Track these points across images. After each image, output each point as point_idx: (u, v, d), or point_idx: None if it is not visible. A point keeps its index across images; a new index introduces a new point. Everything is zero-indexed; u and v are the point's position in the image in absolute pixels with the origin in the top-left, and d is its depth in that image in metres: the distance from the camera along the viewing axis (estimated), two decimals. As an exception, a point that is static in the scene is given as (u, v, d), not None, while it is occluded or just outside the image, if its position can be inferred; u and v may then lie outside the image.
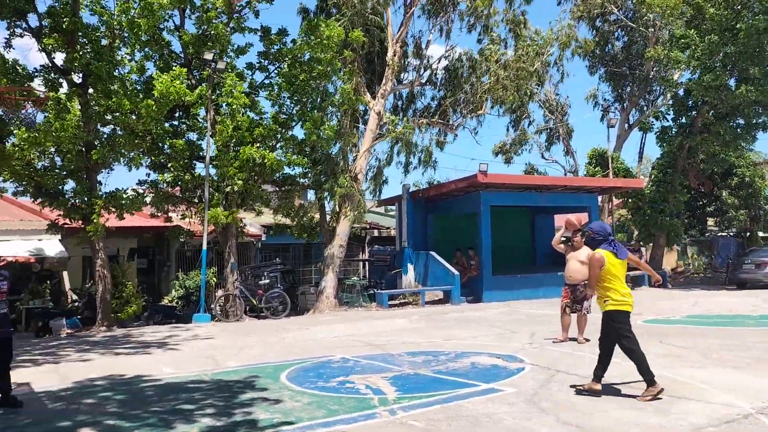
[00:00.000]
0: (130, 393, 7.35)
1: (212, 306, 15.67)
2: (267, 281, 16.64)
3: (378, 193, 21.37)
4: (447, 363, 8.65)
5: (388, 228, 27.31)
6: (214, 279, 17.23)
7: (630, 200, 24.18)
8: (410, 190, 20.26)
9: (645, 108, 28.24)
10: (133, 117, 14.35)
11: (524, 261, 22.83)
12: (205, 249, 15.75)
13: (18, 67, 14.09)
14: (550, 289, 18.71)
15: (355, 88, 17.93)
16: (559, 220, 25.41)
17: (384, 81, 18.87)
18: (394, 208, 23.43)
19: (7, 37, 14.49)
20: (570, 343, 9.82)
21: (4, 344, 6.93)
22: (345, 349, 10.03)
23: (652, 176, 24.45)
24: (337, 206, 17.84)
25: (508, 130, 28.59)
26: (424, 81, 21.43)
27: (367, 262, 24.96)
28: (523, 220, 23.65)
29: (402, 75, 20.94)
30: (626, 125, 28.41)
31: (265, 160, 15.21)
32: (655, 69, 26.07)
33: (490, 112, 22.08)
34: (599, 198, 23.32)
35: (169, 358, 9.81)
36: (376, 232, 27.68)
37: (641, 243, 25.76)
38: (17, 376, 7.82)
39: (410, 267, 19.37)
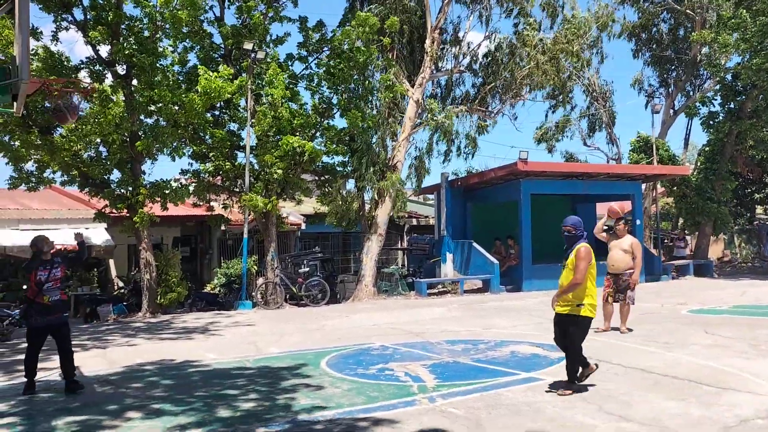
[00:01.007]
0: (175, 378, 7.54)
1: (253, 294, 15.91)
2: (306, 269, 16.82)
3: (418, 183, 21.30)
4: (486, 351, 8.61)
5: (427, 217, 27.26)
6: (255, 267, 17.48)
7: (675, 188, 23.56)
8: (449, 179, 20.14)
9: (691, 93, 27.43)
10: (176, 108, 14.62)
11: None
12: (246, 237, 15.99)
13: (64, 60, 14.51)
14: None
15: (394, 77, 17.88)
16: (602, 208, 25.00)
17: (422, 69, 18.76)
18: (433, 197, 23.33)
19: (54, 30, 14.87)
20: (613, 333, 9.67)
21: (61, 329, 7.11)
22: (384, 337, 10.08)
23: (698, 163, 23.77)
24: (375, 195, 17.86)
25: (547, 116, 28.14)
26: (462, 68, 21.23)
27: (406, 251, 24.98)
28: (564, 209, 23.21)
29: (440, 63, 20.80)
30: (671, 111, 27.66)
31: (305, 150, 15.32)
32: (702, 53, 25.28)
33: (529, 98, 21.78)
34: (643, 186, 22.78)
35: (212, 344, 10.01)
36: (415, 221, 27.66)
37: (686, 231, 25.14)
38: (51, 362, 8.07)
39: (449, 256, 19.29)
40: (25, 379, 7.04)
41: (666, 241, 26.55)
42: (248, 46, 15.41)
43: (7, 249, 16.70)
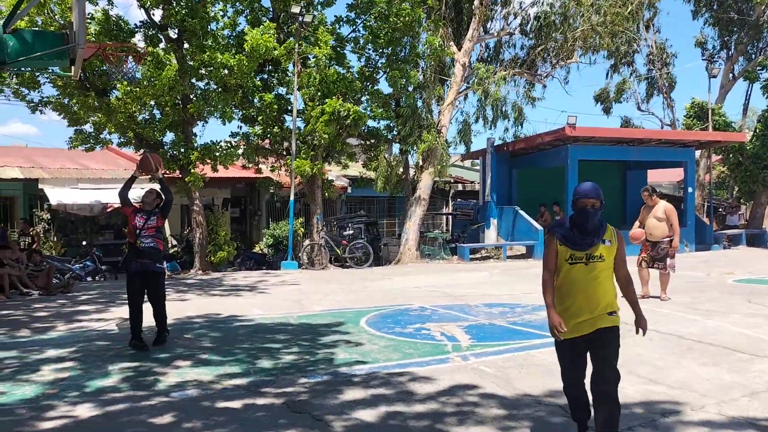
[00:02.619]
0: (222, 331, 7.95)
1: (299, 254, 16.34)
2: (351, 232, 17.14)
3: (463, 147, 21.21)
4: (523, 315, 8.74)
5: (473, 182, 27.18)
6: (302, 229, 17.90)
7: (731, 155, 22.79)
8: (495, 144, 20.02)
9: (753, 56, 26.21)
10: (225, 71, 14.93)
11: (613, 217, 22.17)
12: (293, 200, 16.36)
13: (122, 23, 14.96)
14: (639, 247, 18.18)
15: (441, 39, 17.73)
16: (654, 175, 24.41)
17: (470, 31, 18.51)
18: (479, 162, 23.23)
19: (111, -7, 15.30)
20: (653, 300, 9.63)
21: (154, 278, 7.12)
22: (424, 299, 10.30)
23: (757, 130, 22.87)
24: (420, 160, 17.93)
25: (608, 75, 27.30)
26: (512, 30, 20.82)
27: (450, 216, 25.06)
28: (613, 175, 22.83)
29: (489, 24, 20.46)
30: (731, 75, 26.53)
31: (349, 113, 15.46)
32: (766, 14, 24.07)
33: (581, 61, 21.25)
34: (697, 153, 22.12)
35: (259, 301, 10.43)
36: (460, 186, 27.63)
37: (741, 200, 24.36)
38: (124, 312, 8.55)
39: (493, 221, 19.31)
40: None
41: (720, 210, 25.82)
42: (296, 9, 15.52)
43: (68, 207, 17.54)
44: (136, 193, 8.18)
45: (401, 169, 17.94)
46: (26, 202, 19.31)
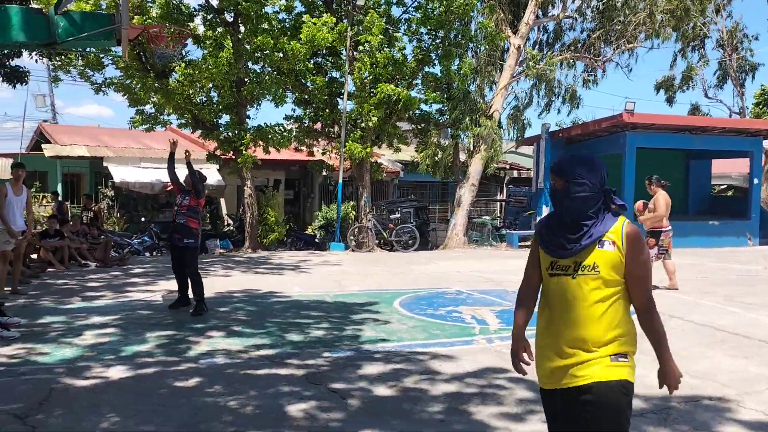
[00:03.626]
0: (258, 305, 8.20)
1: (347, 236, 16.55)
2: (398, 216, 17.21)
3: (518, 134, 20.89)
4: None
5: (529, 169, 26.74)
6: (353, 212, 18.11)
7: (805, 146, 21.58)
8: (550, 130, 19.62)
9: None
10: (280, 56, 15.20)
11: (674, 207, 21.31)
12: (341, 183, 16.55)
13: (182, 6, 15.41)
14: (699, 239, 17.54)
15: (495, 22, 17.47)
16: (719, 165, 23.39)
17: (526, 14, 18.15)
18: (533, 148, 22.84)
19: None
20: (695, 290, 9.33)
21: (184, 252, 7.63)
22: (463, 283, 10.29)
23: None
24: (471, 144, 17.79)
25: (675, 60, 26.22)
26: (571, 13, 20.28)
27: (504, 203, 24.78)
28: (675, 165, 22.00)
29: (547, 7, 19.98)
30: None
31: (400, 97, 15.48)
32: None
33: (644, 46, 20.53)
34: (765, 143, 21.05)
35: (300, 280, 10.67)
36: (515, 173, 27.24)
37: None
38: (171, 285, 8.91)
39: (545, 209, 18.97)
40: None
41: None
42: (349, -8, 15.61)
43: (130, 184, 18.33)
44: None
45: (450, 153, 17.84)
46: (92, 179, 20.30)
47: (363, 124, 16.15)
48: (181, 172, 7.93)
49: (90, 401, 4.48)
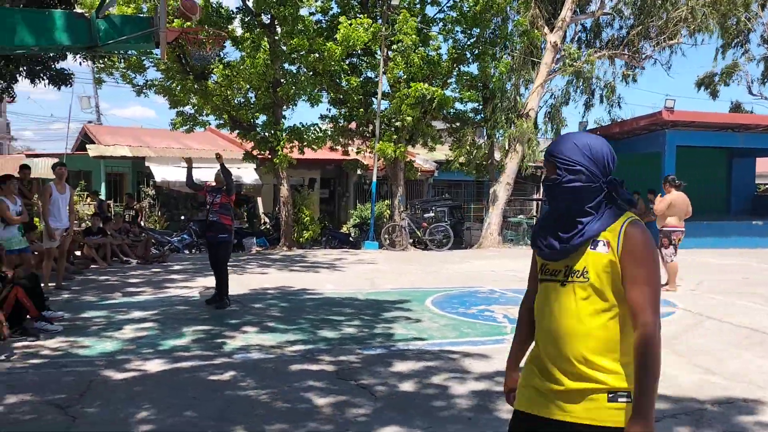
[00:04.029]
0: (291, 302, 8.33)
1: (382, 235, 16.62)
2: (431, 215, 17.20)
3: (555, 132, 20.66)
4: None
5: (566, 168, 26.39)
6: (387, 211, 18.17)
7: None
8: (587, 128, 19.37)
9: None
10: (316, 56, 15.35)
11: (716, 207, 20.90)
12: (375, 182, 16.62)
13: (221, 10, 15.70)
14: (742, 239, 17.13)
15: (531, 19, 17.31)
16: (763, 164, 22.74)
17: (563, 11, 17.93)
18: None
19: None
20: (734, 291, 9.11)
21: (216, 248, 7.91)
22: (496, 282, 10.25)
23: None
24: (506, 143, 17.67)
25: (717, 56, 25.52)
26: (608, 10, 19.95)
27: (539, 202, 24.52)
28: (717, 163, 21.50)
29: (585, 4, 19.70)
30: None
31: (434, 96, 15.47)
32: None
33: (685, 42, 20.06)
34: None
35: (333, 277, 10.78)
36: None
37: None
38: (208, 282, 9.12)
39: (582, 208, 18.75)
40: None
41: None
42: (384, -8, 15.67)
43: (171, 184, 18.74)
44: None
45: (485, 152, 17.74)
46: (134, 178, 20.80)
47: (398, 124, 16.19)
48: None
49: (128, 393, 4.64)
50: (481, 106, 17.60)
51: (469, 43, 16.90)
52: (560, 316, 1.99)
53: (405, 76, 15.96)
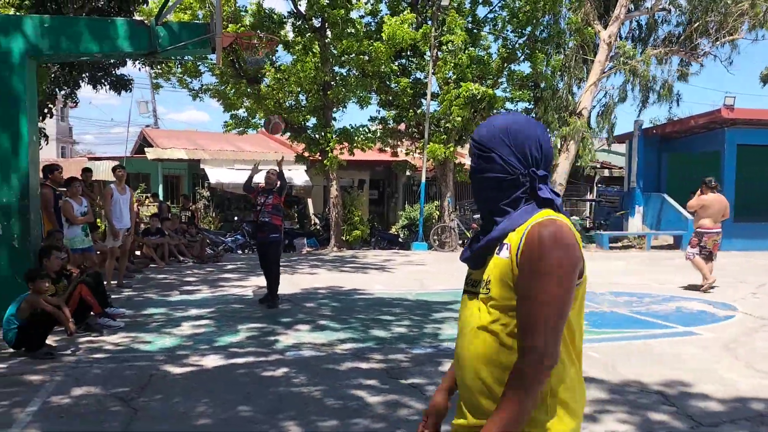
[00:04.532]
0: (342, 302, 8.43)
1: (431, 236, 16.61)
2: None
3: (609, 131, 20.24)
4: (650, 305, 8.34)
5: (620, 168, 25.82)
6: (437, 212, 18.14)
7: None
8: (643, 127, 18.91)
9: None
10: (365, 58, 15.48)
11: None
12: (424, 182, 16.63)
13: (273, 15, 16.00)
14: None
15: (584, 17, 17.02)
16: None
17: (617, 7, 17.55)
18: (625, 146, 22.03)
19: (260, -14, 16.40)
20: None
21: (268, 248, 8.06)
22: (548, 284, 10.10)
23: None
24: (559, 143, 17.41)
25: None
26: (665, 5, 19.41)
27: (593, 203, 24.05)
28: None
29: (641, 1, 19.23)
30: None
31: (484, 96, 15.38)
32: None
33: (746, 37, 19.35)
34: None
35: (383, 278, 10.84)
36: (607, 172, 26.38)
37: None
38: (261, 281, 9.28)
39: (638, 209, 18.32)
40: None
41: None
42: (434, -7, 15.67)
43: (224, 185, 19.21)
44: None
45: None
46: (190, 180, 21.39)
47: (447, 125, 16.15)
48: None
49: (185, 387, 4.80)
50: (532, 105, 17.40)
51: (520, 42, 16.74)
52: (462, 336, 1.68)
53: (454, 77, 15.92)
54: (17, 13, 8.41)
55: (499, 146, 1.65)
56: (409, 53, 17.35)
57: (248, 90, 15.97)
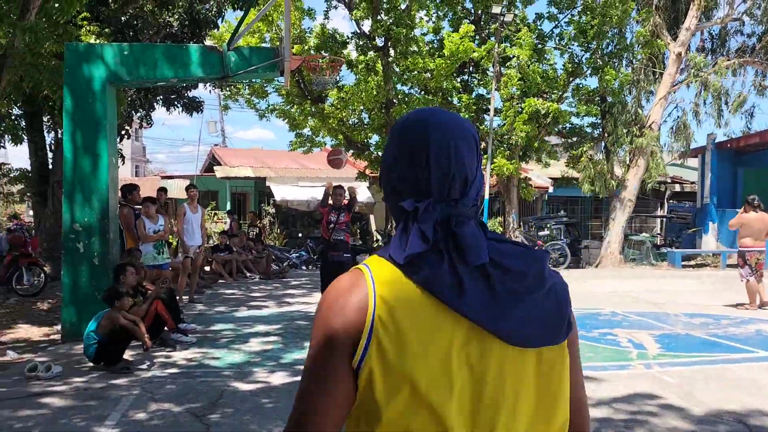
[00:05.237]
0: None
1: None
2: (547, 232, 16.78)
3: (681, 146, 19.56)
4: (727, 327, 7.97)
5: (693, 183, 24.89)
6: (500, 228, 17.95)
7: None
8: (716, 140, 18.20)
9: None
10: (427, 75, 15.56)
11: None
12: (488, 198, 16.48)
13: (337, 35, 16.33)
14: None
15: (653, 29, 16.59)
16: None
17: (687, 18, 17.03)
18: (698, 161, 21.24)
19: (326, 9, 16.79)
20: None
21: (342, 266, 7.94)
22: (618, 305, 9.83)
23: None
24: (627, 158, 16.96)
25: None
26: (738, 15, 18.70)
27: (664, 219, 23.24)
28: None
29: (711, 11, 18.59)
30: None
31: (549, 111, 15.18)
32: None
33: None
34: None
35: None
36: (677, 187, 25.47)
37: None
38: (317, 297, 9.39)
39: (712, 226, 17.58)
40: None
41: None
42: (496, 9, 15.60)
43: (289, 202, 19.61)
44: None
45: (605, 168, 17.12)
46: (256, 197, 21.95)
47: (511, 141, 16.00)
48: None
49: (255, 404, 4.89)
50: (599, 120, 17.03)
51: (586, 56, 16.47)
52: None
53: (518, 92, 15.78)
54: (98, 41, 8.88)
55: (388, 157, 1.20)
56: (471, 69, 17.34)
57: (312, 109, 16.30)
